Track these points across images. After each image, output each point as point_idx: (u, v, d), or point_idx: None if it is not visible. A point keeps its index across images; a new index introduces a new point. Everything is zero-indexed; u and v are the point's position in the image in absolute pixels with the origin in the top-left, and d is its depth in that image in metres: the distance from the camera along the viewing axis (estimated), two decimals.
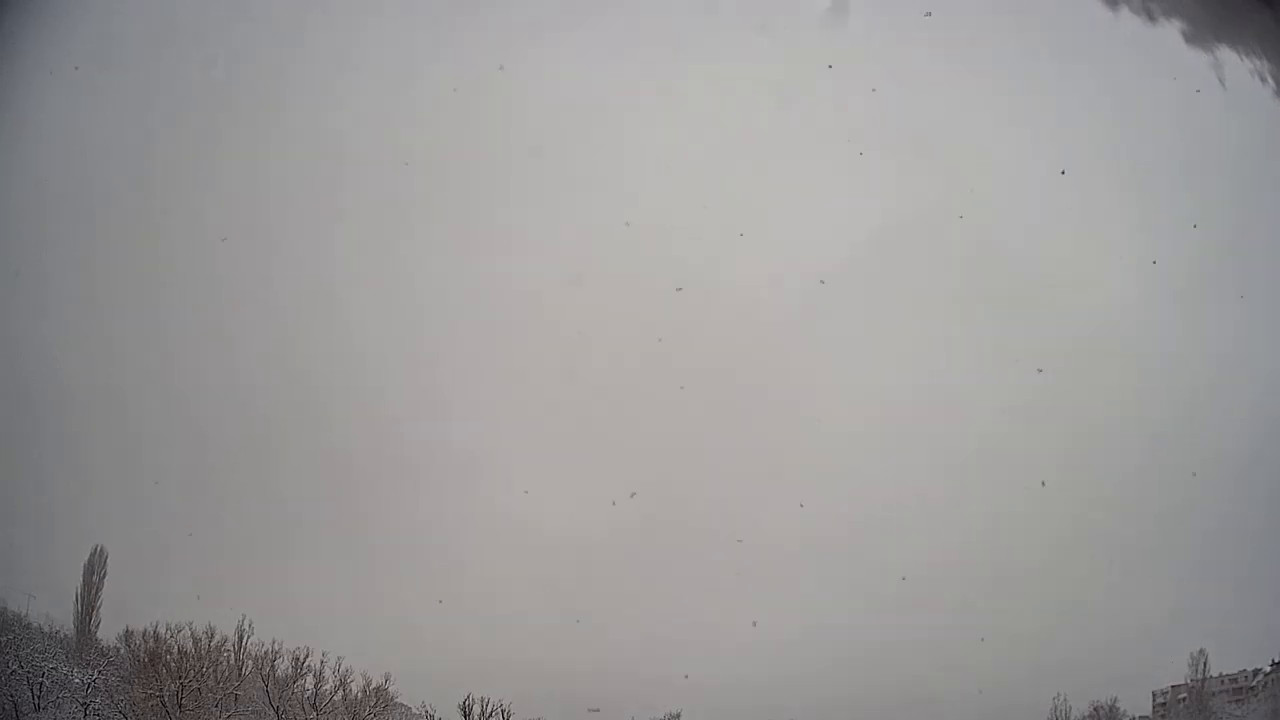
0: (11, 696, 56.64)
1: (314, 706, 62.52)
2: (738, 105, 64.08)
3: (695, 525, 64.76)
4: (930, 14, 56.90)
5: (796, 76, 60.50)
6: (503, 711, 65.23)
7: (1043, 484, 62.18)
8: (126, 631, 62.02)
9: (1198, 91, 44.39)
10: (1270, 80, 21.77)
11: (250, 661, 62.03)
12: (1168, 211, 61.44)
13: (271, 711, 61.90)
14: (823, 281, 62.96)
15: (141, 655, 60.26)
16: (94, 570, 62.45)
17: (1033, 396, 62.69)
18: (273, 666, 62.51)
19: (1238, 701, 62.39)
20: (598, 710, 60.02)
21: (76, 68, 56.54)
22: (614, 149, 65.91)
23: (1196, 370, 63.29)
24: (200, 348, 66.34)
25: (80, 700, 58.34)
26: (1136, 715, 63.30)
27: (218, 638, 60.93)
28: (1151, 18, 25.50)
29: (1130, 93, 60.25)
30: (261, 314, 66.67)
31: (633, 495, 62.41)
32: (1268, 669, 62.21)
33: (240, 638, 61.51)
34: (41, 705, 57.78)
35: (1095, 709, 62.54)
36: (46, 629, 62.18)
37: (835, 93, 60.84)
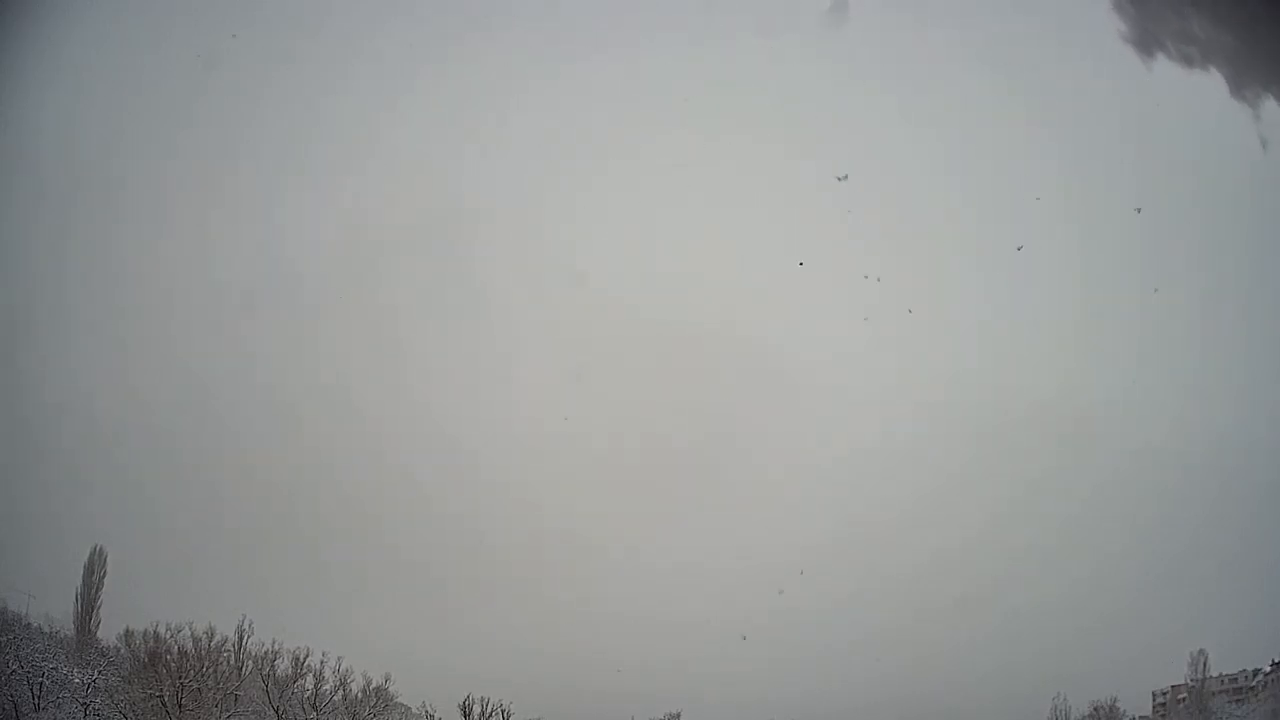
0: (11, 696, 56.46)
1: (314, 706, 62.42)
2: None
3: (695, 528, 64.88)
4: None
5: None
6: (503, 711, 65.26)
7: (1042, 484, 62.52)
8: (126, 631, 62.06)
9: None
10: None
11: (250, 661, 61.96)
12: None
13: (271, 711, 61.78)
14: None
15: (141, 655, 60.16)
16: (94, 570, 62.37)
17: (1032, 399, 62.97)
18: (273, 666, 62.44)
19: (1238, 701, 62.30)
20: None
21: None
22: None
23: (1194, 375, 63.52)
24: (200, 349, 66.45)
25: (80, 700, 58.14)
26: (1136, 715, 63.30)
27: (218, 638, 60.88)
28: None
29: None
30: (261, 318, 66.77)
31: (634, 498, 62.62)
32: (1268, 669, 62.17)
33: (240, 638, 61.51)
34: (41, 705, 57.59)
35: (1095, 709, 62.48)
36: (46, 629, 62.07)
37: None
